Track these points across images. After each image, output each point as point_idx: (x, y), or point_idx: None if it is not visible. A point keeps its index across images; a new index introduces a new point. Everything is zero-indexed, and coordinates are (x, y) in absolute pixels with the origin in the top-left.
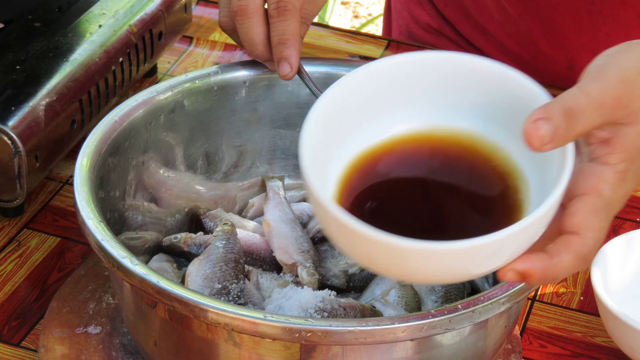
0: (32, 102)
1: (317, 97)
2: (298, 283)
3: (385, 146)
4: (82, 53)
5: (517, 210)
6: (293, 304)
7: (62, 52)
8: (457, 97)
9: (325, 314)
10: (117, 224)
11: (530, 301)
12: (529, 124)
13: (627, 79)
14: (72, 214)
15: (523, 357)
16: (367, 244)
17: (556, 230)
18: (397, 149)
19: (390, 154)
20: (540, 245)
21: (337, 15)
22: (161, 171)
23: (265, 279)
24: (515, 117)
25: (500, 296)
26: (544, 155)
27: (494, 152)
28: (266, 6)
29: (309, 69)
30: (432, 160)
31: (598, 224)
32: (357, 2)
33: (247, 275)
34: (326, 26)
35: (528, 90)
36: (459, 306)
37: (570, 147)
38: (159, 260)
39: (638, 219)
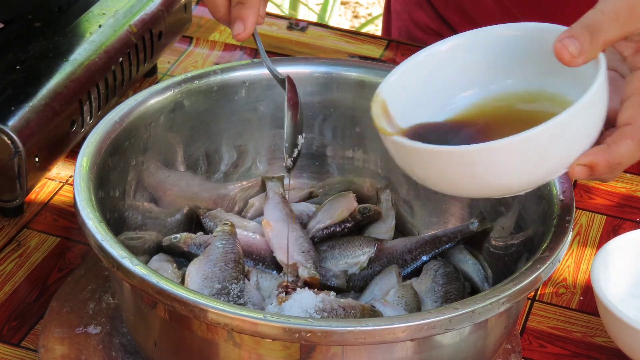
0: (32, 102)
1: (267, 65)
2: None
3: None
4: (82, 53)
5: None
6: (293, 304)
7: (62, 52)
8: (508, 64)
9: (325, 314)
10: (117, 224)
11: (530, 301)
12: (557, 43)
13: None
14: (72, 214)
15: (523, 357)
16: (439, 160)
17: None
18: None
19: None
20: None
21: (337, 15)
22: (161, 171)
23: (265, 279)
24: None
25: (500, 296)
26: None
27: (554, 99)
28: None
29: (309, 69)
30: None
31: None
32: (357, 2)
33: (247, 275)
34: (326, 26)
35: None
36: (459, 306)
37: (601, 57)
38: (158, 260)
39: (638, 219)
